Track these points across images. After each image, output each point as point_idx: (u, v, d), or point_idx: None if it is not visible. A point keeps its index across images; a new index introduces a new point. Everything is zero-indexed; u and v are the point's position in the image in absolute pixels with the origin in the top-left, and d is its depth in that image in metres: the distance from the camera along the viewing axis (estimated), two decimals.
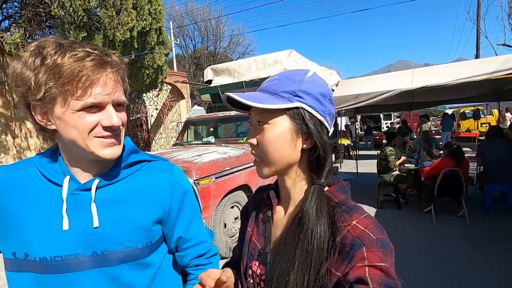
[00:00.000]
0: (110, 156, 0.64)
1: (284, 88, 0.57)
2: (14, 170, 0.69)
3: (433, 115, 25.02)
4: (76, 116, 0.58)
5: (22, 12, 5.28)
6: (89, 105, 0.59)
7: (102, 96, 0.60)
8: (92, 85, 0.58)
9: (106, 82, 0.60)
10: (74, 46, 0.60)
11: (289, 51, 5.31)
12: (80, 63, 0.57)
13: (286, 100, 0.56)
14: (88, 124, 0.60)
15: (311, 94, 0.57)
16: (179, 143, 4.75)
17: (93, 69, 0.58)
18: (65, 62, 0.56)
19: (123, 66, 0.66)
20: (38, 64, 0.57)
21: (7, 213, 0.65)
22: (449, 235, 3.57)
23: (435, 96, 5.95)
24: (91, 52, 0.59)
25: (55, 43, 0.59)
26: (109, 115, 0.61)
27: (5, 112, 5.68)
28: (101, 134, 0.61)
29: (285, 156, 0.58)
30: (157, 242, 0.74)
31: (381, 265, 0.47)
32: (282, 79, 0.58)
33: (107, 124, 0.61)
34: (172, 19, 19.78)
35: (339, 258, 0.50)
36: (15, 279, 0.65)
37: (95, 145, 0.61)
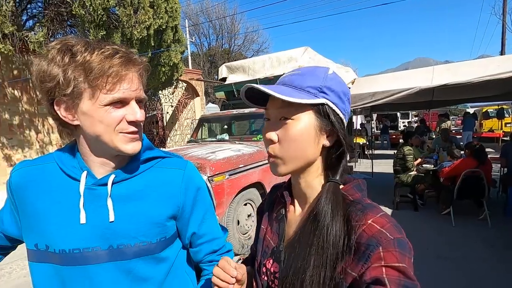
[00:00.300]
0: (132, 151, 0.66)
1: (309, 83, 0.55)
2: (35, 165, 0.72)
3: (454, 114, 24.15)
4: (103, 111, 0.61)
5: (45, 12, 5.47)
6: (116, 100, 0.61)
7: (128, 92, 0.62)
8: (120, 81, 0.61)
9: (132, 78, 0.63)
10: (101, 44, 0.63)
11: (304, 48, 5.26)
12: (110, 59, 0.60)
13: (312, 96, 0.55)
14: (115, 119, 0.62)
15: (335, 91, 0.56)
16: (193, 140, 4.81)
17: (121, 66, 0.61)
18: (95, 59, 0.59)
19: (145, 65, 0.69)
20: (67, 61, 0.59)
21: (29, 206, 0.68)
22: (469, 239, 3.45)
23: (456, 95, 5.73)
24: (119, 50, 0.62)
25: (83, 41, 0.62)
26: (133, 110, 0.64)
27: (29, 108, 5.92)
28: (126, 130, 0.64)
29: (307, 153, 0.57)
30: (171, 238, 0.75)
31: (398, 266, 0.46)
32: (305, 74, 0.57)
33: (132, 119, 0.63)
34: (188, 17, 20.01)
35: (355, 258, 0.49)
36: (37, 270, 0.68)
37: (120, 140, 0.64)
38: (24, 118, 5.86)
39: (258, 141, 4.12)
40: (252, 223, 3.63)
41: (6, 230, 0.76)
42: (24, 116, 5.86)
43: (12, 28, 4.30)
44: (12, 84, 5.57)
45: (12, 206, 0.72)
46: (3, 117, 5.54)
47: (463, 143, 8.25)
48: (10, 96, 5.63)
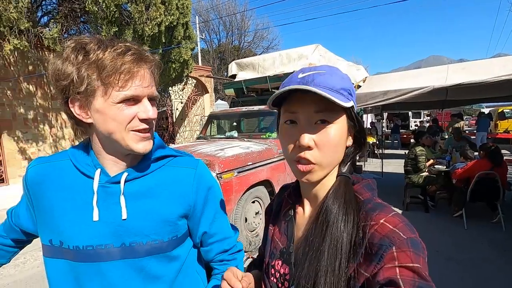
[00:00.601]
0: (143, 150, 0.66)
1: (341, 85, 0.54)
2: (50, 162, 0.73)
3: (467, 114, 23.56)
4: (115, 108, 0.61)
5: (60, 9, 5.58)
6: (129, 97, 0.61)
7: (140, 89, 0.62)
8: (132, 78, 0.61)
9: (144, 75, 0.63)
10: (113, 42, 0.63)
11: (315, 46, 5.20)
12: (122, 57, 0.60)
13: (346, 98, 0.53)
14: (127, 116, 0.62)
15: (354, 93, 0.57)
16: (202, 136, 4.83)
17: (133, 63, 0.61)
18: (107, 56, 0.59)
19: (157, 62, 0.69)
20: (80, 59, 0.60)
21: (44, 202, 0.69)
22: (482, 242, 3.36)
23: (471, 94, 5.57)
24: (131, 47, 0.62)
25: (96, 39, 0.62)
26: (145, 108, 0.64)
27: (43, 103, 6.06)
28: (137, 127, 0.64)
29: (340, 156, 0.57)
30: (183, 236, 0.75)
31: (413, 266, 0.45)
32: (332, 75, 0.54)
33: (144, 117, 0.63)
34: (198, 14, 20.04)
35: (367, 258, 0.48)
36: (51, 265, 0.69)
37: (131, 139, 0.64)
38: (39, 112, 6.00)
39: (267, 138, 4.11)
40: (260, 221, 3.63)
41: (22, 225, 0.78)
42: (39, 111, 6.00)
43: (27, 25, 4.40)
44: (27, 79, 5.71)
45: (28, 202, 0.74)
46: (19, 112, 5.69)
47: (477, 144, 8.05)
48: (25, 91, 5.77)
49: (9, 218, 0.83)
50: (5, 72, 5.40)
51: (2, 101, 5.45)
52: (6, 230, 0.84)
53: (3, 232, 0.84)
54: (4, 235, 0.84)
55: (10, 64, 5.46)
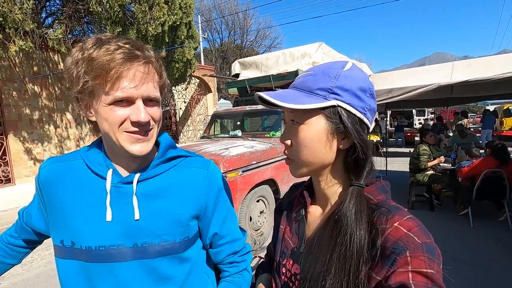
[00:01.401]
0: (139, 152, 0.63)
1: (319, 85, 0.53)
2: (62, 161, 0.73)
3: (472, 111, 23.34)
4: (107, 109, 0.59)
5: (64, 9, 5.61)
6: (119, 99, 0.59)
7: (130, 90, 0.59)
8: (120, 78, 0.58)
9: (134, 75, 0.59)
10: (110, 40, 0.60)
11: (318, 44, 5.18)
12: (111, 56, 0.57)
13: (321, 99, 0.52)
14: (118, 118, 0.60)
15: (348, 90, 0.53)
16: (206, 136, 4.84)
17: (121, 62, 0.58)
18: (98, 55, 0.57)
19: (156, 61, 0.65)
20: (79, 58, 0.59)
21: (56, 202, 0.69)
22: (488, 241, 3.34)
23: (476, 92, 5.51)
24: (121, 46, 0.59)
25: (95, 38, 0.61)
26: (137, 110, 0.60)
27: (48, 103, 6.11)
28: (129, 129, 0.61)
29: (319, 158, 0.55)
30: (194, 237, 0.75)
31: (427, 272, 0.44)
32: (317, 74, 0.54)
33: (134, 119, 0.60)
34: (200, 13, 20.04)
35: (380, 261, 0.47)
36: (63, 266, 0.69)
37: (124, 140, 0.62)
38: (44, 113, 6.05)
39: (271, 137, 4.11)
40: (264, 220, 3.64)
41: (34, 225, 0.78)
42: (44, 111, 6.05)
43: (32, 26, 4.43)
44: (32, 80, 5.76)
45: (40, 202, 0.74)
46: (24, 112, 5.74)
47: (482, 142, 7.98)
48: (31, 92, 5.82)
49: (21, 218, 0.83)
50: (11, 73, 5.45)
51: (8, 102, 5.50)
52: (18, 230, 0.84)
53: (15, 233, 0.84)
54: (15, 236, 0.84)
55: (15, 65, 5.50)
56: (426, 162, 4.44)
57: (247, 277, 0.82)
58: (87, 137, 6.78)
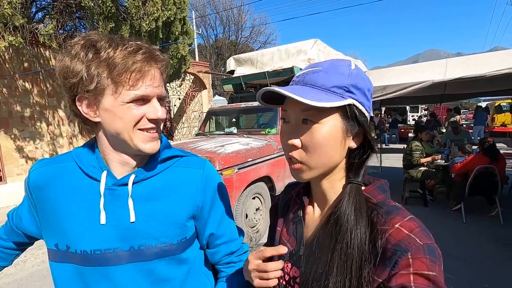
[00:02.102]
0: (151, 150, 0.65)
1: (335, 82, 0.51)
2: (53, 164, 0.71)
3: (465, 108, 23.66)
4: (125, 108, 0.60)
5: (54, 4, 5.49)
6: (139, 97, 0.60)
7: (151, 89, 0.61)
8: (143, 77, 0.60)
9: (154, 75, 0.62)
10: (124, 40, 0.62)
11: (314, 41, 5.17)
12: (133, 56, 0.59)
13: (338, 97, 0.50)
14: (135, 116, 0.61)
15: (360, 89, 0.52)
16: (201, 133, 4.81)
17: (144, 62, 0.60)
18: (118, 54, 0.58)
19: (167, 62, 0.67)
20: (90, 57, 0.58)
21: (48, 206, 0.67)
22: (480, 236, 3.40)
23: (469, 88, 5.57)
24: (142, 46, 0.61)
25: (107, 37, 0.61)
26: (154, 108, 0.63)
27: (39, 100, 6.00)
28: (145, 127, 0.63)
29: (333, 158, 0.53)
30: (191, 238, 0.74)
31: (428, 274, 0.43)
32: (329, 71, 0.52)
33: (153, 117, 0.62)
34: (194, 9, 19.84)
35: (381, 263, 0.47)
36: (58, 270, 0.67)
37: (138, 138, 0.63)
38: (35, 110, 5.94)
39: (266, 134, 4.10)
40: (260, 217, 3.65)
41: (25, 228, 0.76)
42: (35, 108, 5.94)
43: (22, 21, 4.33)
44: (23, 76, 5.64)
45: (31, 205, 0.72)
46: (15, 109, 5.63)
47: (474, 138, 8.09)
48: (21, 88, 5.71)
49: (10, 220, 0.80)
50: (1, 69, 5.33)
51: None
52: (7, 232, 0.81)
53: (4, 235, 0.82)
54: (5, 238, 0.82)
55: (5, 61, 5.38)
56: (419, 158, 4.49)
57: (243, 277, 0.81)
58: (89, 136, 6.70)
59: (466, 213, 3.83)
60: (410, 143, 4.72)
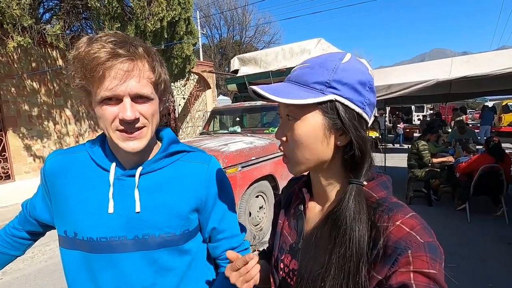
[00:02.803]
0: (131, 149, 0.64)
1: (316, 79, 0.50)
2: (67, 154, 0.74)
3: (471, 107, 23.37)
4: (99, 108, 0.61)
5: (62, 5, 5.57)
6: (106, 98, 0.59)
7: (114, 88, 0.58)
8: (104, 77, 0.58)
9: (116, 73, 0.58)
10: (99, 39, 0.59)
11: (317, 40, 5.17)
12: (95, 55, 0.57)
13: (318, 93, 0.50)
14: (108, 116, 0.60)
15: (347, 84, 0.50)
16: (205, 132, 4.85)
17: (103, 61, 0.57)
18: (85, 55, 0.57)
19: (145, 56, 0.62)
20: (71, 58, 0.61)
21: (60, 194, 0.70)
22: (485, 236, 3.38)
23: (475, 87, 5.53)
24: (104, 45, 0.58)
25: (89, 37, 0.60)
26: (123, 108, 0.60)
27: (47, 100, 6.09)
28: (118, 128, 0.62)
29: (316, 154, 0.53)
30: (194, 231, 0.76)
31: (428, 272, 0.43)
32: (314, 67, 0.52)
33: (120, 117, 0.60)
34: (199, 9, 19.89)
35: (381, 260, 0.47)
36: (66, 255, 0.71)
37: (116, 137, 0.63)
38: (43, 109, 6.03)
39: (270, 133, 4.12)
40: (263, 215, 3.66)
41: (39, 216, 0.80)
42: (43, 108, 6.03)
43: (30, 21, 4.40)
44: (30, 76, 5.73)
45: (45, 193, 0.75)
46: (23, 109, 5.72)
47: (481, 138, 8.01)
48: (29, 88, 5.80)
49: (24, 210, 0.84)
50: (9, 69, 5.42)
51: (6, 98, 5.49)
52: (21, 222, 0.85)
53: (18, 225, 0.86)
54: (19, 228, 0.85)
55: (13, 61, 5.48)
56: (430, 158, 4.41)
57: None
58: (86, 133, 6.78)
59: (471, 213, 3.80)
60: (416, 142, 4.68)
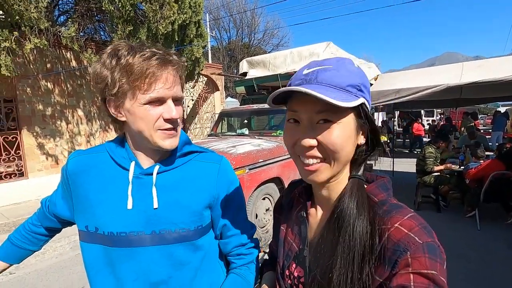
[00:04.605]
0: (170, 146, 0.71)
1: (348, 81, 0.51)
2: (88, 153, 0.79)
3: (483, 113, 22.91)
4: (143, 109, 0.66)
5: (76, 8, 5.74)
6: (154, 99, 0.66)
7: (164, 91, 0.66)
8: (156, 81, 0.65)
9: (167, 78, 0.67)
10: (143, 47, 0.67)
11: (326, 44, 5.18)
12: (148, 61, 0.64)
13: (353, 96, 0.51)
14: (153, 116, 0.67)
15: (367, 87, 0.53)
16: (214, 133, 4.90)
17: (157, 67, 0.65)
18: (135, 61, 0.64)
19: (182, 65, 0.73)
20: (114, 64, 0.65)
21: (82, 191, 0.75)
22: (496, 244, 3.32)
23: (486, 93, 5.44)
24: (156, 52, 0.67)
25: (128, 46, 0.68)
26: (169, 108, 0.68)
27: (60, 100, 6.25)
28: (162, 127, 0.69)
29: (349, 155, 0.54)
30: (207, 227, 0.80)
31: (427, 273, 0.43)
32: (340, 70, 0.52)
33: (168, 117, 0.68)
34: (208, 12, 20.12)
35: (381, 263, 0.47)
36: (87, 249, 0.75)
37: (158, 136, 0.69)
38: (56, 109, 6.19)
39: (277, 136, 4.14)
40: (270, 217, 3.68)
41: (59, 213, 0.84)
42: (56, 108, 6.18)
43: (47, 24, 4.54)
44: (45, 77, 5.89)
45: (66, 191, 0.80)
46: (37, 108, 5.88)
47: (492, 144, 7.86)
48: (44, 88, 5.96)
49: (44, 207, 0.89)
50: (25, 70, 5.59)
51: (22, 98, 5.65)
52: (40, 219, 0.90)
53: (37, 222, 0.91)
54: (37, 224, 0.91)
55: (29, 62, 5.64)
56: (432, 166, 4.40)
57: (253, 269, 0.85)
58: (97, 133, 6.91)
59: (481, 220, 3.74)
60: (423, 148, 4.65)
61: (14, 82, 5.42)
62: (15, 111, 5.61)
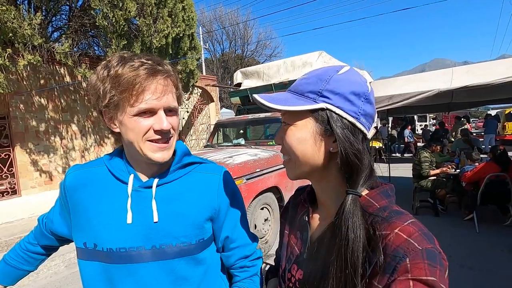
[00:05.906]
0: (160, 159, 0.68)
1: (310, 88, 0.55)
2: (86, 168, 0.78)
3: (474, 116, 23.31)
4: (133, 120, 0.65)
5: (70, 24, 5.77)
6: (143, 111, 0.64)
7: (153, 101, 0.64)
8: (144, 91, 0.64)
9: (156, 88, 0.65)
10: (133, 58, 0.66)
11: (319, 53, 5.27)
12: (135, 72, 0.63)
13: (310, 101, 0.54)
14: (142, 128, 0.65)
15: (339, 93, 0.53)
16: (210, 144, 4.89)
17: (145, 77, 0.63)
18: (124, 71, 0.63)
19: (174, 74, 0.70)
20: (105, 75, 0.65)
21: (80, 207, 0.73)
22: (494, 246, 3.32)
23: (477, 96, 5.54)
24: (145, 62, 0.65)
25: (119, 57, 0.67)
26: (160, 120, 0.66)
27: (54, 115, 6.21)
28: (152, 138, 0.66)
29: (308, 159, 0.56)
30: (208, 240, 0.78)
31: (427, 280, 0.42)
32: (311, 78, 0.56)
33: (158, 128, 0.66)
34: (202, 25, 20.40)
35: (381, 269, 0.47)
36: (85, 267, 0.72)
37: (147, 148, 0.67)
38: (50, 125, 6.14)
39: (273, 145, 4.15)
40: (269, 228, 3.64)
41: (56, 230, 0.82)
42: (50, 123, 6.14)
43: (40, 40, 4.56)
44: (38, 93, 5.87)
45: (63, 207, 0.78)
46: (31, 124, 5.83)
47: (485, 146, 7.97)
48: (37, 104, 5.92)
49: (41, 224, 0.86)
50: (18, 86, 5.57)
51: (15, 115, 5.60)
52: (37, 237, 0.87)
53: (33, 240, 0.88)
54: (34, 243, 0.88)
55: (23, 78, 5.63)
56: (428, 170, 4.42)
57: (257, 282, 0.83)
58: (92, 147, 6.85)
59: (479, 222, 3.75)
60: (419, 153, 4.69)
61: (7, 99, 5.38)
62: (7, 128, 5.55)
